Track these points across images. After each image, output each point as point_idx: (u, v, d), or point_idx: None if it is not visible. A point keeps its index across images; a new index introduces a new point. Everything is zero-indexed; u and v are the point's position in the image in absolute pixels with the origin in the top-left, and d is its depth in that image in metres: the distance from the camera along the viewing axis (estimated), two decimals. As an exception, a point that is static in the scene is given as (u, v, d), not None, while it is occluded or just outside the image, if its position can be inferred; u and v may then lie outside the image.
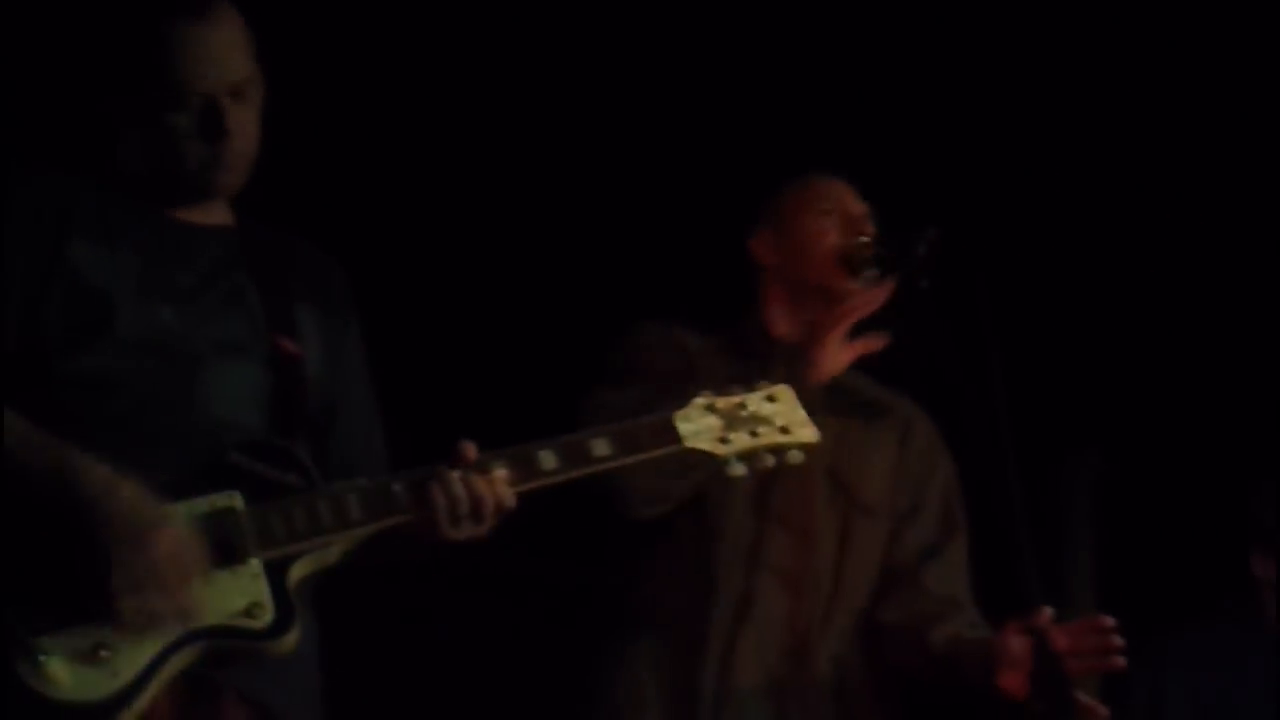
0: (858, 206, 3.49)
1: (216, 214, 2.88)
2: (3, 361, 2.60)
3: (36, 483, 2.45)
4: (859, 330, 3.49)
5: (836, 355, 3.39)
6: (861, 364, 3.52)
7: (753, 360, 3.38)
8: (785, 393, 2.90)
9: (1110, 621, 2.98)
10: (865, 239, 3.40)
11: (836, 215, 3.47)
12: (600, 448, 2.75)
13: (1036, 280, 5.33)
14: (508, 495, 2.64)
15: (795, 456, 2.84)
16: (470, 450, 2.64)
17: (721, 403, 2.85)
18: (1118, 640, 2.96)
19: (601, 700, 3.33)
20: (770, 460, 2.83)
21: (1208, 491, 4.36)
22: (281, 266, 2.89)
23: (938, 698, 3.40)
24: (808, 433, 2.88)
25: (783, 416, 2.87)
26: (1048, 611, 2.94)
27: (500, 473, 2.64)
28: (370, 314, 3.02)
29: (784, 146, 4.31)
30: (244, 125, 2.77)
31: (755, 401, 2.87)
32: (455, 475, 2.61)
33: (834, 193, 3.52)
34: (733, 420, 2.84)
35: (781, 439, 2.85)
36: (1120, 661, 2.96)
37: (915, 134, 5.19)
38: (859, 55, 5.10)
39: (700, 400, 2.84)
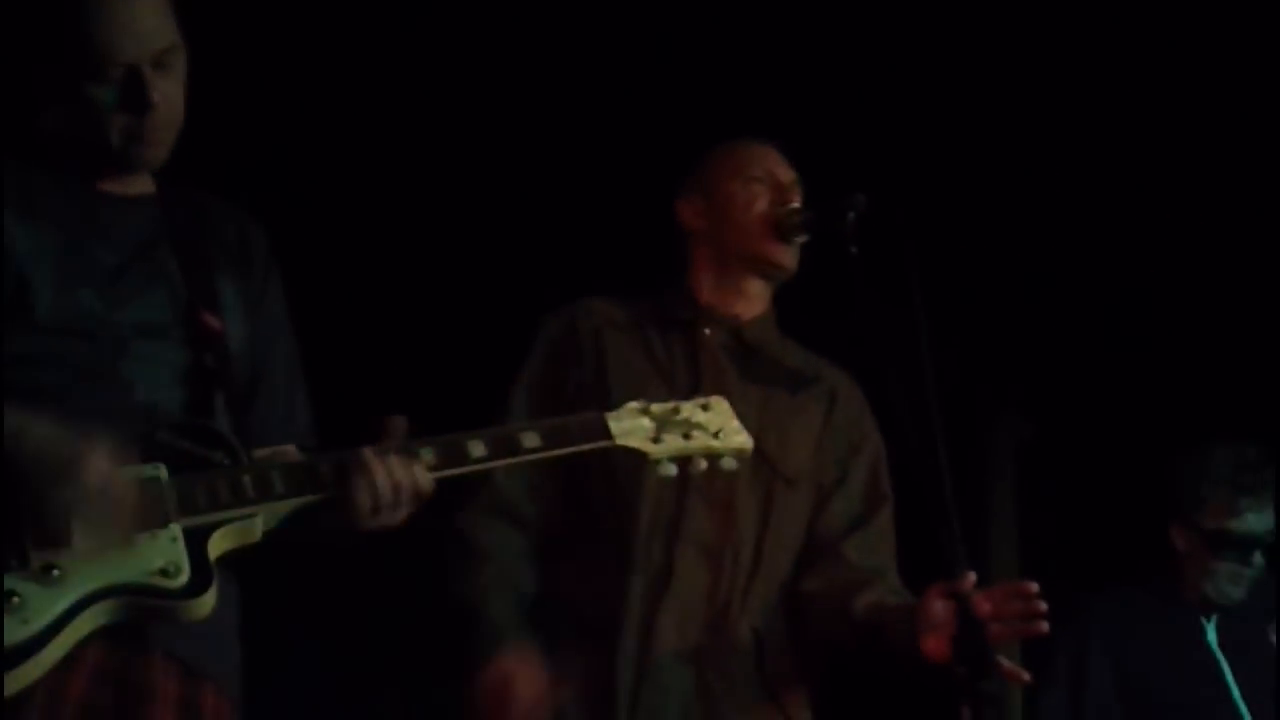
0: (786, 173, 3.49)
1: (138, 183, 2.84)
2: None
3: None
4: (785, 295, 3.52)
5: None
6: (790, 330, 3.54)
7: (676, 326, 3.40)
8: (719, 403, 2.91)
9: (1033, 587, 2.96)
10: (795, 206, 3.39)
11: (765, 182, 3.46)
12: (530, 440, 2.74)
13: (964, 247, 5.37)
14: (426, 482, 2.63)
15: (729, 463, 2.86)
16: (399, 427, 2.64)
17: (655, 408, 2.86)
18: (1040, 605, 2.94)
19: None
20: (703, 464, 2.84)
21: (1129, 457, 4.39)
22: (202, 235, 2.86)
23: (859, 667, 3.39)
24: (740, 440, 2.88)
25: (717, 423, 2.88)
26: (970, 576, 2.92)
27: (426, 458, 2.63)
28: (298, 278, 2.99)
29: (711, 113, 4.28)
30: (168, 96, 2.72)
31: (689, 409, 2.88)
32: (379, 463, 2.59)
33: (763, 159, 3.51)
34: (666, 423, 2.85)
35: (714, 444, 2.86)
36: (1043, 627, 2.95)
37: (842, 101, 5.21)
38: (788, 21, 5.10)
39: (633, 405, 2.85)
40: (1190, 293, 5.87)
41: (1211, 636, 4.16)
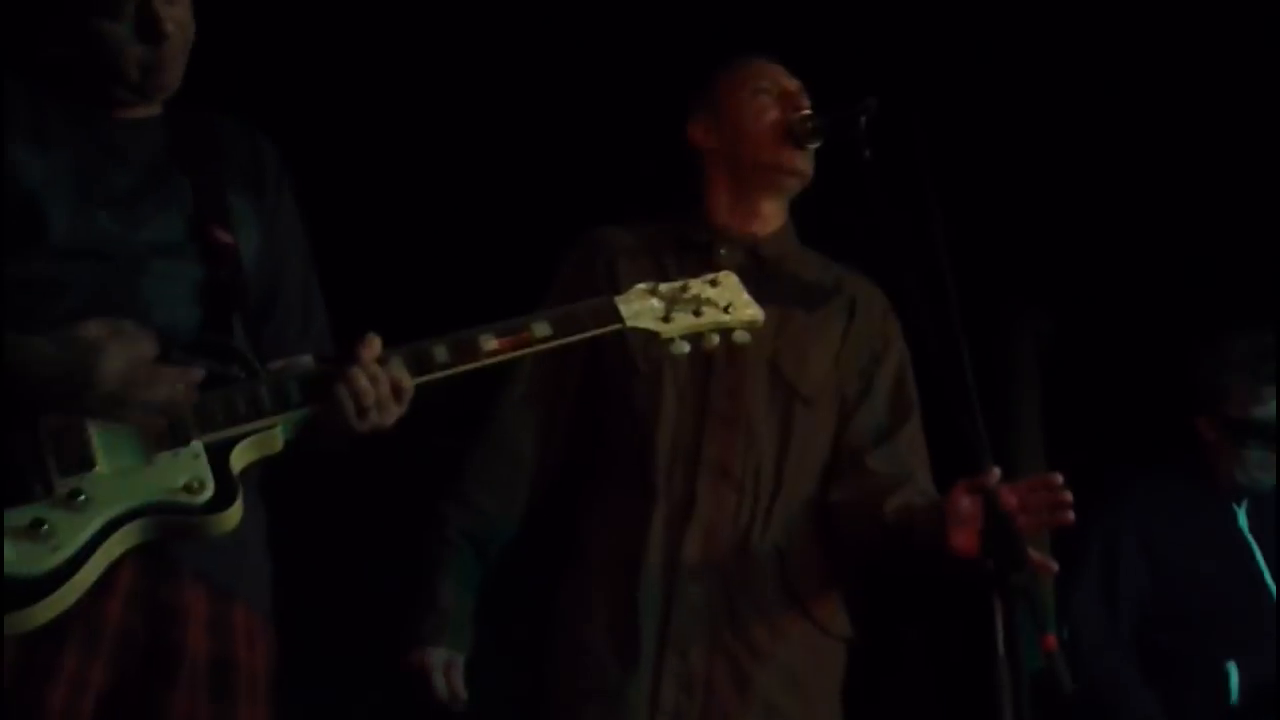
0: (792, 81, 3.50)
1: (147, 107, 2.85)
2: None
3: None
4: (802, 203, 3.53)
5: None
6: (807, 238, 3.55)
7: (693, 248, 3.42)
8: (729, 277, 2.93)
9: (1058, 478, 2.99)
10: (807, 112, 3.40)
11: (773, 92, 3.47)
12: (541, 329, 2.76)
13: (979, 146, 5.35)
14: (406, 379, 2.64)
15: (741, 336, 2.89)
16: (373, 345, 2.64)
17: (664, 287, 2.88)
18: (1066, 496, 2.98)
19: (551, 609, 3.36)
20: (715, 340, 2.86)
21: (1150, 349, 4.40)
22: (212, 154, 2.87)
23: (892, 569, 3.45)
24: (751, 312, 2.91)
25: (726, 297, 2.90)
26: (996, 471, 2.95)
27: (439, 356, 2.67)
28: (313, 193, 3.02)
29: (717, 33, 4.28)
30: (180, 23, 2.75)
31: (698, 285, 2.90)
32: (358, 368, 2.61)
33: (768, 71, 3.52)
34: (675, 302, 2.87)
35: (725, 318, 2.88)
36: (1069, 516, 2.98)
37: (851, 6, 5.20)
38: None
39: (641, 286, 2.87)
40: (1205, 184, 5.86)
41: (1243, 521, 4.20)
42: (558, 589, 3.38)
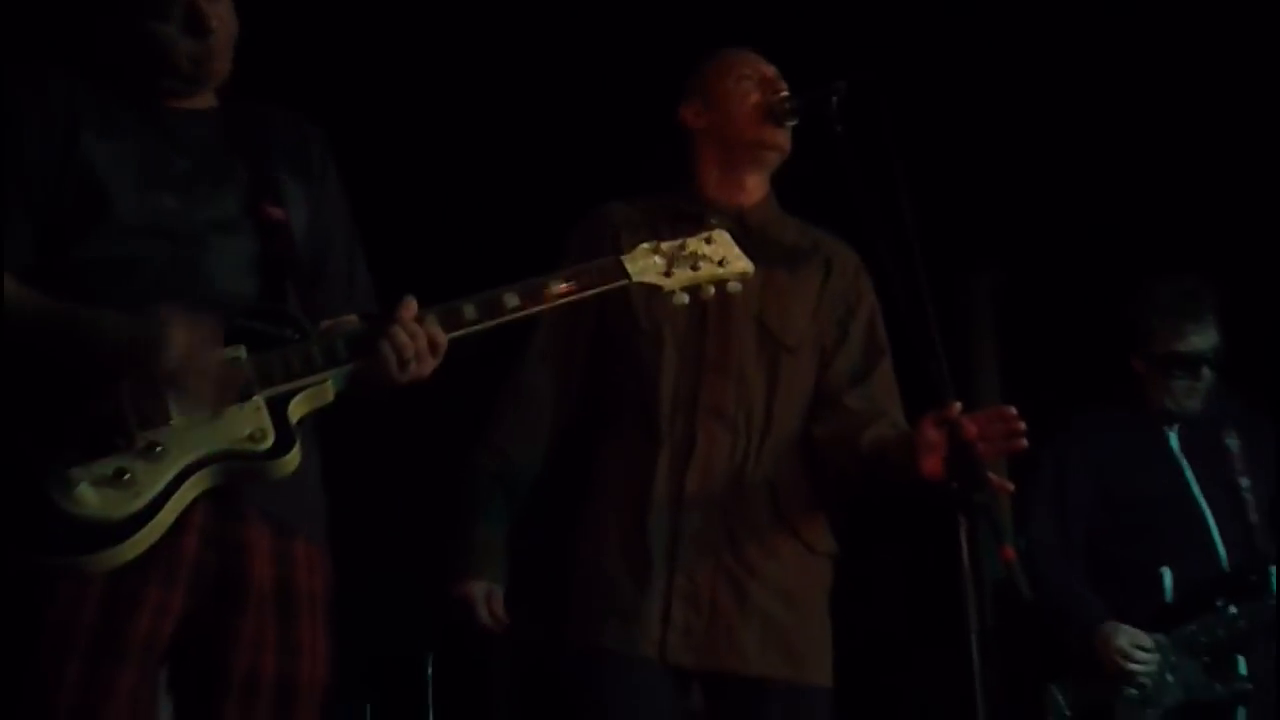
0: (769, 68, 3.54)
1: (203, 98, 2.88)
2: (24, 246, 2.65)
3: (51, 344, 2.55)
4: (784, 173, 3.58)
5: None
6: (788, 204, 3.60)
7: (686, 219, 3.40)
8: (721, 234, 2.95)
9: (1013, 410, 3.05)
10: (785, 93, 3.45)
11: (753, 78, 3.52)
12: (557, 286, 2.80)
13: (940, 122, 5.43)
14: (441, 336, 2.69)
15: (734, 286, 2.92)
16: (410, 305, 2.70)
17: (665, 245, 2.90)
18: (1020, 425, 3.04)
19: (567, 547, 3.41)
20: (710, 290, 2.90)
21: (1090, 296, 4.49)
22: (263, 139, 2.90)
23: (870, 493, 3.48)
24: (742, 264, 2.93)
25: (719, 252, 2.93)
26: (957, 404, 3.00)
27: (468, 315, 2.72)
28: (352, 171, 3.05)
29: (703, 31, 4.38)
30: (223, 16, 2.79)
31: (694, 243, 2.91)
32: (397, 327, 2.66)
33: (748, 59, 3.56)
34: (674, 258, 2.89)
35: (720, 271, 2.90)
36: (1023, 443, 3.04)
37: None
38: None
39: (644, 245, 2.90)
40: (1138, 152, 5.97)
41: (1174, 443, 4.28)
42: (574, 521, 3.42)
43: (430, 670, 5.42)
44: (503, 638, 3.45)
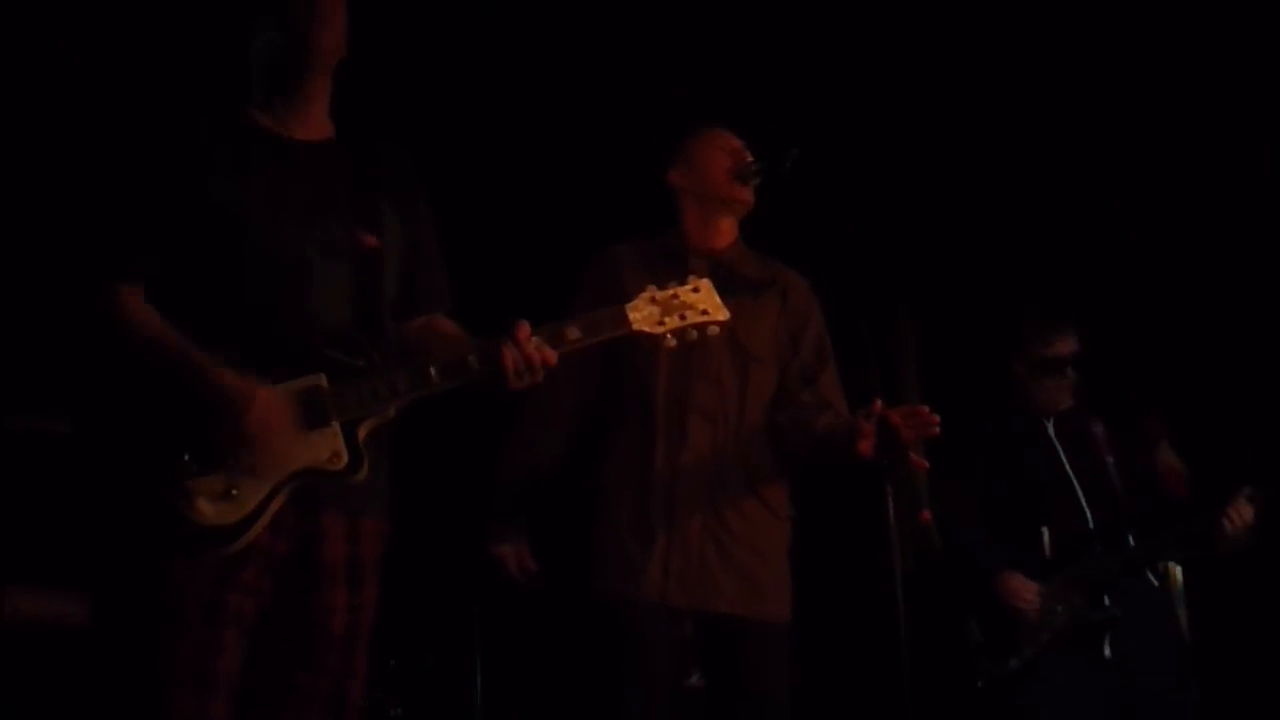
0: (737, 141, 3.58)
1: (320, 128, 2.80)
2: (152, 265, 2.62)
3: (172, 376, 2.54)
4: (753, 223, 3.62)
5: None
6: (753, 242, 3.63)
7: (674, 261, 3.47)
8: (706, 285, 2.92)
9: (926, 408, 3.11)
10: (751, 159, 3.49)
11: (725, 149, 3.55)
12: (573, 332, 2.75)
13: (870, 176, 5.45)
14: (551, 356, 2.67)
15: (713, 330, 2.90)
16: (526, 327, 2.67)
17: (660, 295, 2.85)
18: (933, 418, 3.09)
19: (587, 516, 3.44)
20: (694, 334, 2.88)
21: (986, 313, 4.49)
22: (369, 167, 2.80)
23: (818, 465, 3.50)
24: (722, 314, 2.90)
25: (703, 302, 2.89)
26: (879, 403, 3.08)
27: (537, 340, 2.67)
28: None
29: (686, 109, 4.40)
30: (333, 5, 2.71)
31: (684, 293, 2.87)
32: (523, 344, 2.64)
33: (721, 134, 3.60)
34: (667, 308, 2.84)
35: (702, 319, 2.87)
36: (936, 431, 3.09)
37: (780, 84, 5.31)
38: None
39: (645, 294, 2.85)
40: (1023, 198, 6.01)
41: (1051, 431, 4.28)
42: (592, 495, 3.45)
43: (478, 619, 5.42)
44: (537, 587, 3.48)
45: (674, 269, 3.42)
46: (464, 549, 3.65)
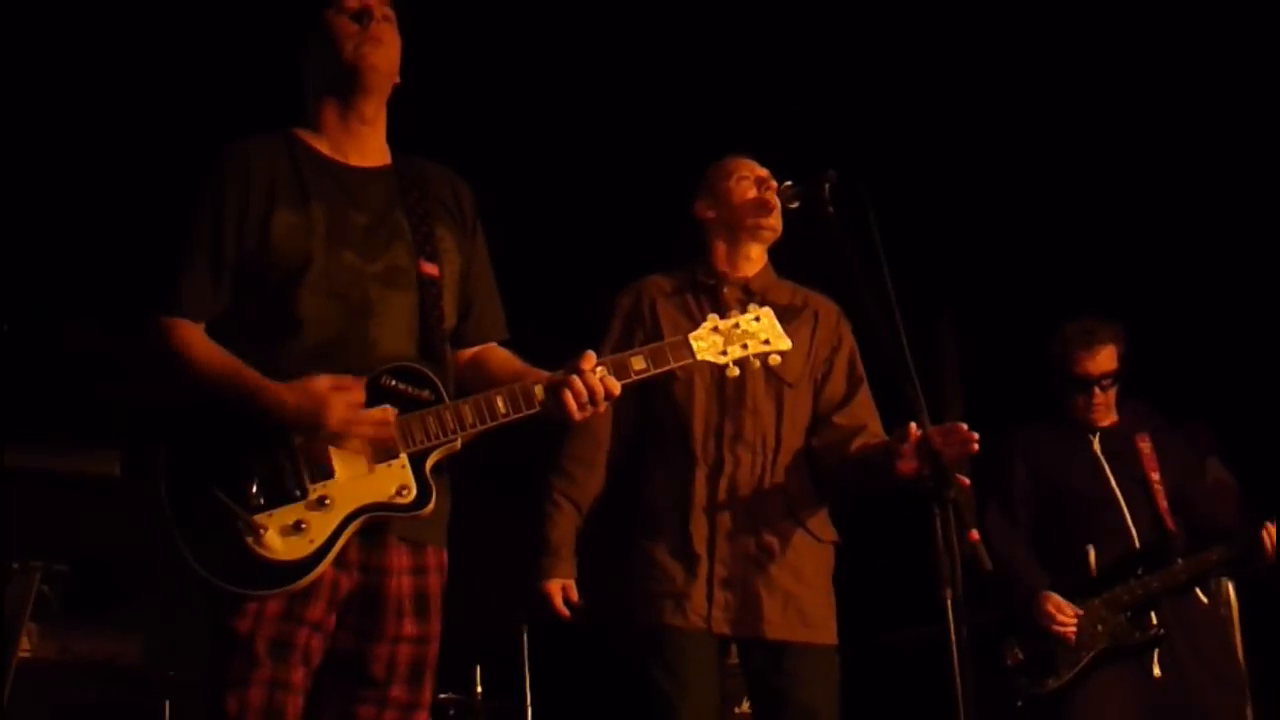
0: (762, 170, 3.59)
1: (376, 154, 2.78)
2: (215, 300, 2.62)
3: (234, 406, 2.53)
4: (783, 249, 3.61)
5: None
6: (794, 264, 3.62)
7: (706, 290, 3.51)
8: (768, 314, 2.91)
9: (964, 425, 3.08)
10: (788, 183, 3.42)
11: (749, 178, 3.56)
12: (639, 362, 2.74)
13: (909, 194, 5.46)
14: (615, 386, 2.67)
15: (775, 359, 2.90)
16: (591, 358, 2.67)
17: (723, 324, 2.84)
18: (973, 436, 3.07)
19: (629, 545, 3.43)
20: (756, 363, 2.88)
21: (1033, 333, 4.46)
22: (426, 195, 2.78)
23: (860, 490, 3.48)
24: (783, 343, 2.90)
25: (765, 332, 2.87)
26: (914, 426, 3.07)
27: (600, 371, 2.67)
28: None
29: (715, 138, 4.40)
30: (389, 17, 2.73)
31: (746, 321, 2.87)
32: (587, 376, 2.64)
33: (745, 163, 3.61)
34: (730, 337, 2.84)
35: (764, 348, 2.87)
36: (975, 448, 3.06)
37: (817, 104, 5.31)
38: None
39: (708, 322, 2.84)
40: (1069, 211, 5.98)
41: (1097, 447, 4.25)
42: (633, 524, 3.44)
43: (526, 639, 5.41)
44: (584, 617, 3.48)
45: (706, 299, 3.49)
46: (512, 569, 3.64)
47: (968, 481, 3.11)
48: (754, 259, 3.59)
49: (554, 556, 3.45)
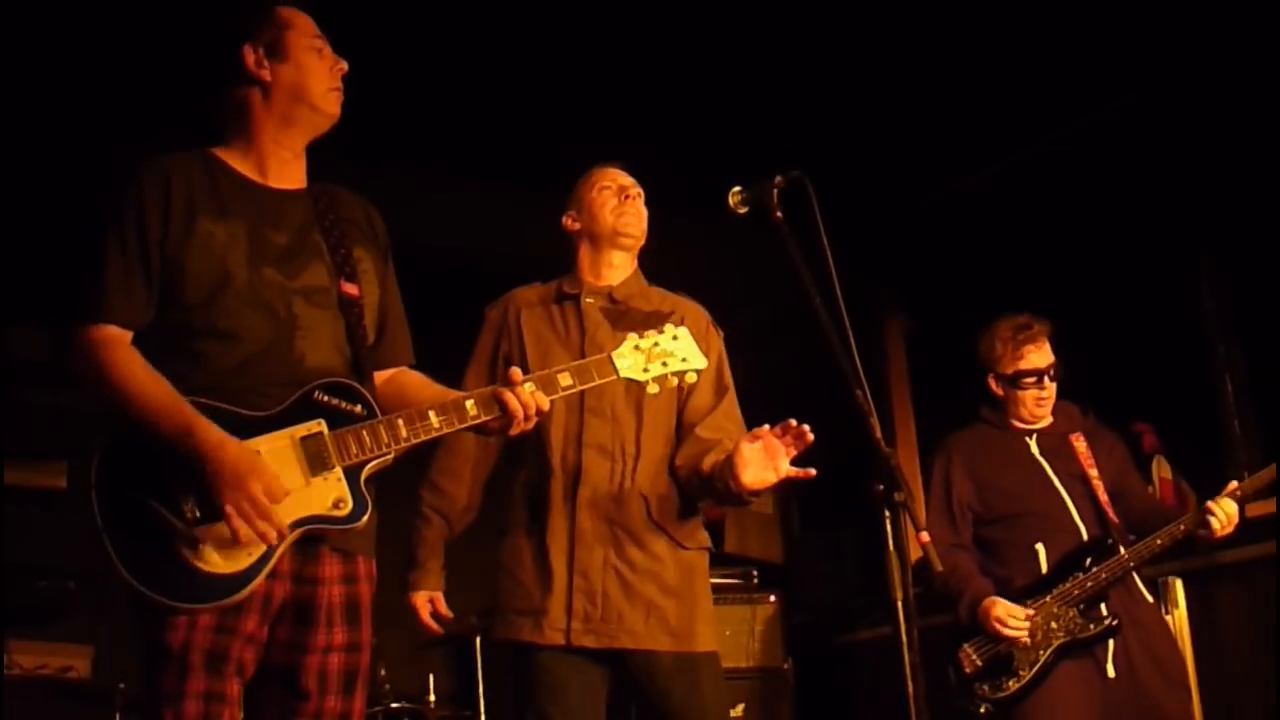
0: (626, 179, 3.62)
1: (294, 178, 2.79)
2: (143, 311, 2.61)
3: (173, 439, 2.49)
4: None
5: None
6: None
7: (569, 299, 3.54)
8: (684, 332, 2.93)
9: (794, 421, 3.14)
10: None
11: (612, 188, 3.59)
12: (565, 379, 2.77)
13: (858, 200, 5.46)
14: (544, 401, 2.70)
15: (691, 377, 2.92)
16: (518, 374, 2.70)
17: (643, 342, 2.87)
18: (804, 428, 3.13)
19: (500, 563, 3.42)
20: (674, 381, 2.89)
21: (973, 338, 4.46)
22: (341, 218, 2.80)
23: (714, 501, 3.49)
24: (700, 362, 2.92)
25: (682, 350, 2.90)
26: (802, 471, 3.15)
27: (528, 388, 2.70)
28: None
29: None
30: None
31: (665, 340, 2.89)
32: (519, 390, 2.67)
33: (609, 173, 3.63)
34: (650, 355, 2.86)
35: (683, 367, 2.89)
36: (810, 439, 3.14)
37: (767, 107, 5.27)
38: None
39: (629, 341, 2.87)
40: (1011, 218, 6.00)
41: (1034, 449, 4.24)
42: (499, 542, 3.45)
43: (479, 647, 5.37)
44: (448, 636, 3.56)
45: (570, 308, 3.50)
46: (463, 578, 3.62)
47: (812, 473, 3.16)
48: (618, 266, 3.60)
49: (420, 569, 3.46)
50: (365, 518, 2.58)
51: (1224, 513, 3.97)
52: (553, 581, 3.28)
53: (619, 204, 3.55)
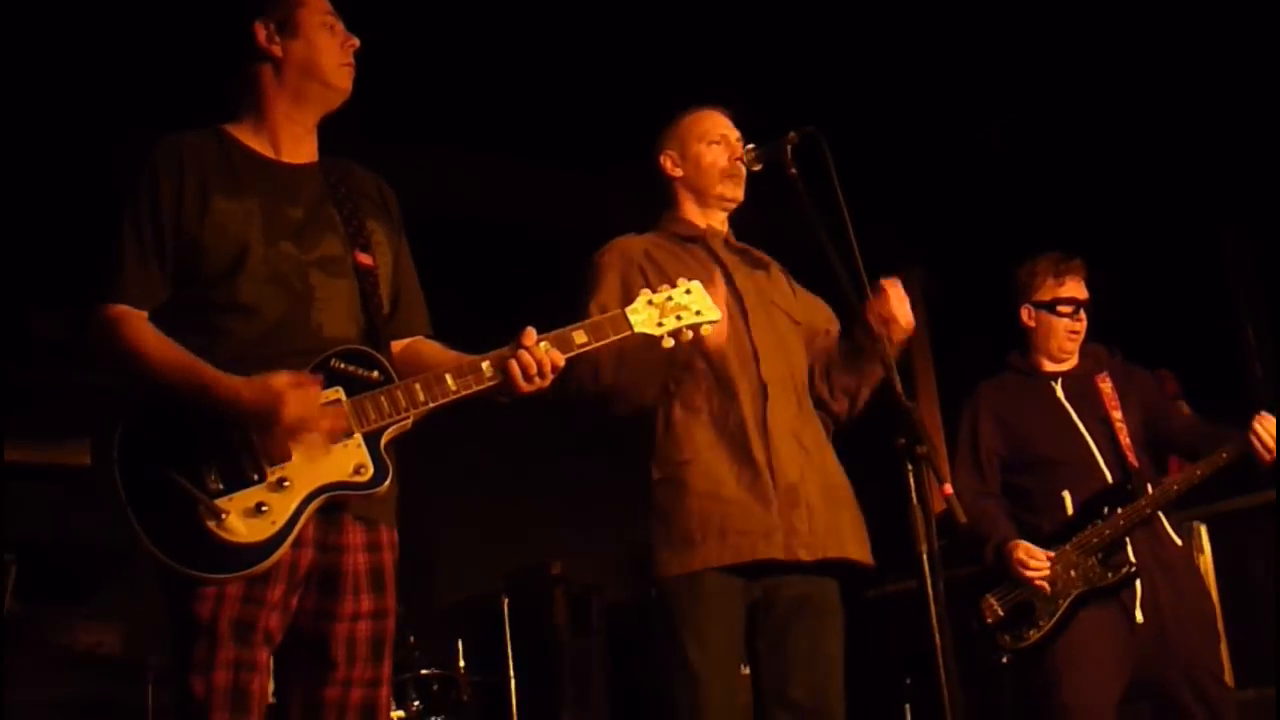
0: (734, 132, 3.52)
1: (307, 152, 2.82)
2: (160, 289, 2.63)
3: (190, 399, 2.52)
4: (752, 211, 3.56)
5: None
6: (746, 230, 3.60)
7: (694, 242, 3.47)
8: (696, 286, 2.92)
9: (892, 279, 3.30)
10: (750, 146, 3.43)
11: (722, 144, 3.50)
12: (580, 336, 2.77)
13: (875, 155, 5.42)
14: (559, 359, 2.70)
15: (706, 330, 2.91)
16: (532, 333, 2.69)
17: (656, 297, 2.86)
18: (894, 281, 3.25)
19: (690, 490, 3.26)
20: (689, 335, 2.88)
21: (999, 286, 4.43)
22: (354, 191, 2.83)
23: (853, 389, 3.49)
24: (714, 314, 2.92)
25: (696, 303, 2.89)
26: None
27: (545, 344, 2.69)
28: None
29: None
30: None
31: (678, 294, 2.88)
32: (533, 349, 2.66)
33: (720, 124, 3.54)
34: (664, 309, 2.85)
35: (696, 319, 2.88)
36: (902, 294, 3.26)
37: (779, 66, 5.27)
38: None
39: (643, 296, 2.86)
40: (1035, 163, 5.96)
41: (1060, 393, 4.21)
42: (676, 468, 3.27)
43: (507, 612, 5.40)
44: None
45: (698, 252, 3.43)
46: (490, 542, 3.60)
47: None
48: (721, 218, 3.57)
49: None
50: (386, 483, 2.59)
51: (1265, 430, 3.90)
52: (768, 498, 3.22)
53: (729, 166, 3.47)
